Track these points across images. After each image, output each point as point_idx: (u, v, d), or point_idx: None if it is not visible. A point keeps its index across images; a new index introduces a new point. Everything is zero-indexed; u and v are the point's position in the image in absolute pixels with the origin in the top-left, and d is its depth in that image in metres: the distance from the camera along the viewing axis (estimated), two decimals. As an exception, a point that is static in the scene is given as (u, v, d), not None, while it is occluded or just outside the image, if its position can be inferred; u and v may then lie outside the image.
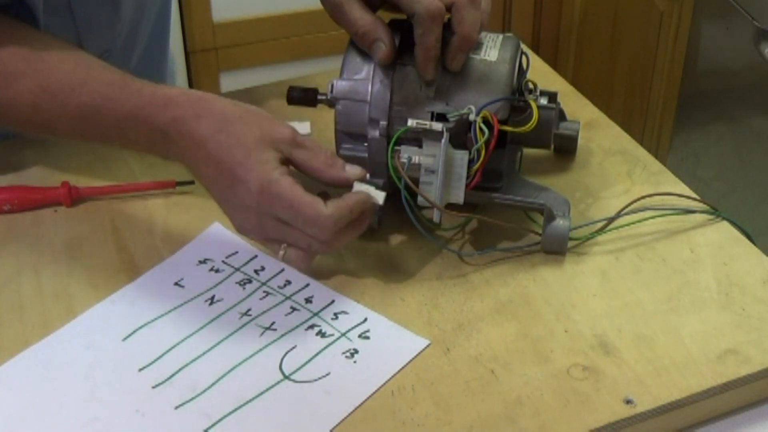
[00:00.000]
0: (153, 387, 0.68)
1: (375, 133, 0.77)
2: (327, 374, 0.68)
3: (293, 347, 0.71)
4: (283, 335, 0.72)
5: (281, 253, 0.74)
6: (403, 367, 0.69)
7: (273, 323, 0.73)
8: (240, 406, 0.66)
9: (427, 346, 0.70)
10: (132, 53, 1.03)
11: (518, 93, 0.79)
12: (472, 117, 0.75)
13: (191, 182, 0.84)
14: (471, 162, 0.74)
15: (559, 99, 0.83)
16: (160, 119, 0.74)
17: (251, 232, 0.74)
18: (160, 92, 0.75)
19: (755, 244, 0.80)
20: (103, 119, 0.76)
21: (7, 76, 0.79)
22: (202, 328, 0.72)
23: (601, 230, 0.80)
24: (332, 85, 0.78)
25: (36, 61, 0.79)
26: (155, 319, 0.73)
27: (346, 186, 0.74)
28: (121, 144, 0.78)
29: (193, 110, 0.74)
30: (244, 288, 0.76)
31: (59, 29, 0.91)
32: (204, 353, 0.70)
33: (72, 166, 0.87)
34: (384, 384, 0.67)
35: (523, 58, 0.81)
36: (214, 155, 0.72)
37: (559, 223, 0.78)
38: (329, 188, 0.74)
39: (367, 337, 0.71)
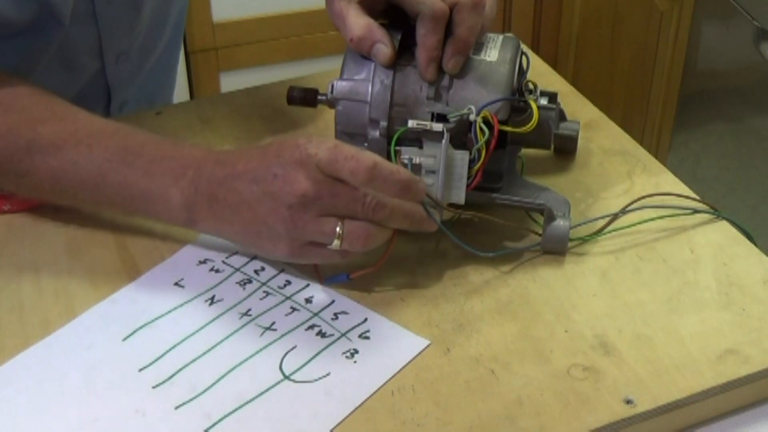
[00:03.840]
0: (153, 387, 0.68)
1: (375, 134, 0.77)
2: (327, 374, 0.68)
3: (293, 347, 0.71)
4: (283, 335, 0.72)
5: (338, 231, 0.70)
6: (403, 367, 0.69)
7: (273, 323, 0.73)
8: (240, 406, 0.66)
9: (427, 346, 0.70)
10: (148, 57, 1.03)
11: (518, 93, 0.79)
12: (472, 117, 0.75)
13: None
14: (471, 162, 0.75)
15: (559, 99, 0.83)
16: (197, 155, 0.74)
17: (306, 213, 0.70)
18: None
19: (755, 244, 0.80)
20: (133, 160, 0.74)
21: (30, 121, 0.77)
22: (202, 328, 0.72)
23: (601, 230, 0.80)
24: (332, 86, 0.78)
25: (62, 111, 0.78)
26: (155, 319, 0.73)
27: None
28: (133, 197, 0.75)
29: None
30: (244, 288, 0.76)
31: (82, 35, 0.92)
32: (204, 353, 0.70)
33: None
34: (384, 384, 0.67)
35: (523, 58, 0.81)
36: (255, 149, 0.73)
37: (560, 223, 0.78)
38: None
39: (367, 337, 0.71)
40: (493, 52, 0.77)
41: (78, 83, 0.97)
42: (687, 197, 0.84)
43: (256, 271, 0.77)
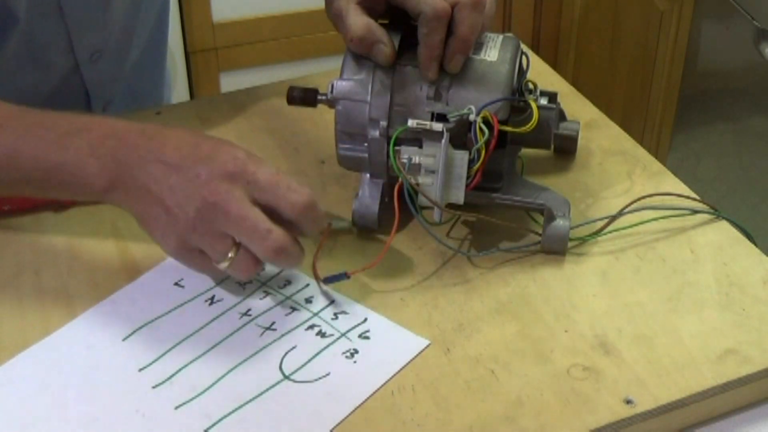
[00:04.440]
0: (153, 387, 0.68)
1: (375, 133, 0.77)
2: (327, 374, 0.68)
3: (293, 347, 0.71)
4: (283, 335, 0.72)
5: (230, 255, 0.70)
6: (403, 367, 0.69)
7: (273, 323, 0.73)
8: (240, 406, 0.66)
9: (427, 346, 0.70)
10: (126, 56, 1.02)
11: (518, 93, 0.79)
12: (472, 117, 0.75)
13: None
14: (471, 162, 0.74)
15: (559, 99, 0.83)
16: (118, 126, 0.73)
17: (208, 220, 0.69)
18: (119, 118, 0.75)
19: (755, 244, 0.80)
20: (46, 133, 0.73)
21: None
22: (202, 328, 0.72)
23: (601, 230, 0.80)
24: (332, 85, 0.78)
25: None
26: (155, 319, 0.73)
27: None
28: (48, 170, 0.73)
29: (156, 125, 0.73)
30: (244, 288, 0.76)
31: (50, 31, 0.91)
32: (204, 353, 0.70)
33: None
34: (384, 384, 0.67)
35: (523, 58, 0.81)
36: (190, 136, 0.71)
37: (559, 223, 0.78)
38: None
39: (367, 337, 0.71)
40: (492, 52, 0.77)
41: (50, 82, 0.96)
42: (687, 197, 0.84)
43: (256, 271, 0.77)
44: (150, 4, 1.03)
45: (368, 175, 0.80)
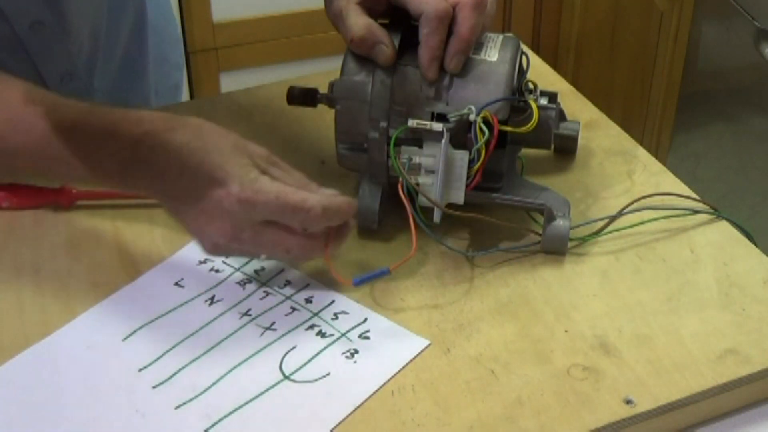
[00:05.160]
0: (153, 387, 0.68)
1: (375, 134, 0.77)
2: (327, 374, 0.68)
3: (293, 347, 0.71)
4: (283, 335, 0.72)
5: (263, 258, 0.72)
6: (403, 367, 0.69)
7: (273, 323, 0.73)
8: (240, 406, 0.66)
9: (427, 346, 0.70)
10: (98, 74, 1.00)
11: (518, 93, 0.79)
12: (472, 117, 0.75)
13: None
14: (471, 162, 0.75)
15: (559, 99, 0.83)
16: (132, 134, 0.72)
17: (226, 246, 0.71)
18: (132, 111, 0.73)
19: (755, 244, 0.80)
20: (70, 140, 0.73)
21: None
22: (202, 328, 0.72)
23: (601, 230, 0.80)
24: (332, 85, 0.78)
25: None
26: (155, 319, 0.73)
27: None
28: (83, 174, 0.74)
29: (166, 124, 0.72)
30: (244, 288, 0.76)
31: (13, 61, 0.90)
32: (204, 353, 0.70)
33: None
34: (384, 384, 0.67)
35: (523, 58, 0.81)
36: (190, 163, 0.70)
37: (559, 223, 0.78)
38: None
39: (367, 337, 0.71)
40: (493, 52, 0.77)
41: None
42: (687, 197, 0.84)
43: (256, 271, 0.77)
44: (115, 25, 1.01)
45: (368, 175, 0.80)
